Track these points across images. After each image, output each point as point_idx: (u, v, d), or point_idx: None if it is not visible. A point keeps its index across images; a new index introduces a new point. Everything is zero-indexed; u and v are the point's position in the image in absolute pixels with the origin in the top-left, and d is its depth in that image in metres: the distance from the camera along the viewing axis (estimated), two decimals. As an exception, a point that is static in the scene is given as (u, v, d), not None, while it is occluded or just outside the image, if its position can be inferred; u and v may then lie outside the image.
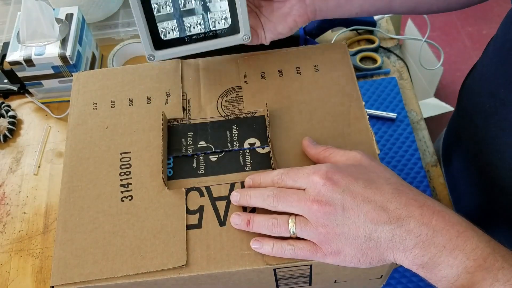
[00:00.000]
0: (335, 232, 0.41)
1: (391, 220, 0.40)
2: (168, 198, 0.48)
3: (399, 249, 0.40)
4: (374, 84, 0.82)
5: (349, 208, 0.41)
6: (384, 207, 0.40)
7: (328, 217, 0.41)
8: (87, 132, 0.54)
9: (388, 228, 0.40)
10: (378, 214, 0.40)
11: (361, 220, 0.40)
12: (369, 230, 0.40)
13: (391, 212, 0.40)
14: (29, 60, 0.74)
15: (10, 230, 0.71)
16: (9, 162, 0.77)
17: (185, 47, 0.52)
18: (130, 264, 0.45)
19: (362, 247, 0.41)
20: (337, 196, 0.41)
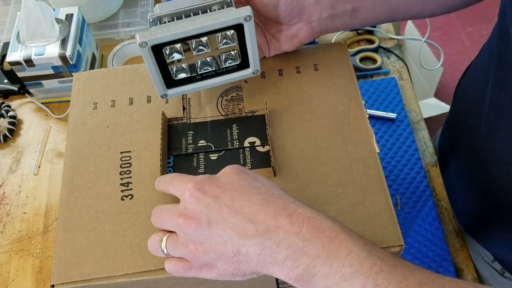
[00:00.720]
0: (203, 248, 0.39)
1: (258, 232, 0.38)
2: (168, 197, 0.48)
3: (271, 262, 0.37)
4: (374, 84, 0.82)
5: (215, 222, 0.39)
6: (252, 219, 0.38)
7: (194, 232, 0.39)
8: (88, 132, 0.54)
9: (256, 242, 0.37)
10: (244, 228, 0.38)
11: (227, 235, 0.38)
12: (237, 245, 0.38)
13: (259, 224, 0.38)
14: (29, 60, 0.74)
15: (10, 230, 0.71)
16: (9, 162, 0.77)
17: (196, 84, 0.52)
18: (131, 263, 0.45)
19: (233, 261, 0.39)
20: (202, 209, 0.39)
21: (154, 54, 0.47)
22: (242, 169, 0.42)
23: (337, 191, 0.48)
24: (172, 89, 0.51)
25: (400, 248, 0.44)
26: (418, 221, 0.69)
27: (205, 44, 0.48)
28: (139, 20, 0.89)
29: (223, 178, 0.41)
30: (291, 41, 0.55)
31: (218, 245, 0.39)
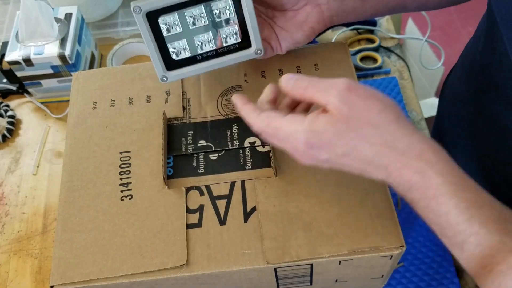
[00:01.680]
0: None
1: (373, 175, 0.40)
2: (168, 197, 0.48)
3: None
4: (374, 83, 0.82)
5: (333, 165, 0.41)
6: (366, 168, 0.40)
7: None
8: (87, 132, 0.53)
9: (373, 178, 0.40)
10: (361, 172, 0.40)
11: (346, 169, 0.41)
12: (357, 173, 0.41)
13: (372, 171, 0.40)
14: (28, 60, 0.74)
15: (9, 230, 0.71)
16: (8, 162, 0.77)
17: (197, 65, 0.51)
18: (130, 263, 0.45)
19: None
20: (319, 160, 0.41)
21: (151, 27, 0.47)
22: (351, 100, 0.39)
23: (337, 191, 0.47)
24: (173, 71, 0.50)
25: (401, 249, 0.44)
26: (419, 221, 0.69)
27: (202, 16, 0.47)
28: (139, 20, 0.89)
29: (330, 130, 0.39)
30: (302, 28, 0.53)
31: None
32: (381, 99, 0.40)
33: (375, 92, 0.40)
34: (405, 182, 0.39)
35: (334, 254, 0.44)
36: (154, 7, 0.45)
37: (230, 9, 0.47)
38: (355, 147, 0.39)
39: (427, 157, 0.38)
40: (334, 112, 0.39)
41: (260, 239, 0.45)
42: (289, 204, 0.47)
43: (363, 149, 0.39)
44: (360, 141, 0.39)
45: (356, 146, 0.39)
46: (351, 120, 0.39)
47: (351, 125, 0.39)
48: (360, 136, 0.39)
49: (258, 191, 0.48)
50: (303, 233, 0.45)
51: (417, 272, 0.65)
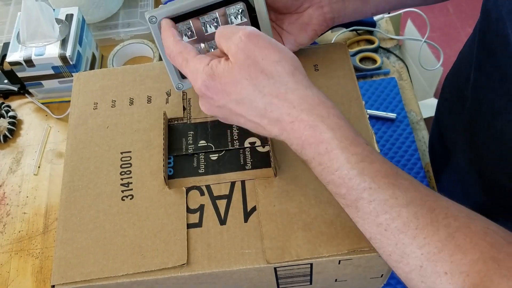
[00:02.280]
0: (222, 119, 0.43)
1: (267, 130, 0.41)
2: (169, 197, 0.48)
3: None
4: (373, 84, 0.82)
5: (229, 117, 0.42)
6: (259, 120, 0.40)
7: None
8: (88, 132, 0.54)
9: (267, 133, 0.41)
10: (255, 125, 0.41)
11: (242, 124, 0.42)
12: (253, 130, 0.42)
13: (266, 125, 0.40)
14: (29, 61, 0.74)
15: (10, 230, 0.71)
16: (9, 162, 0.77)
17: None
18: (131, 263, 0.45)
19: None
20: (214, 109, 0.42)
21: None
22: (248, 48, 0.39)
23: (337, 191, 0.48)
24: (187, 79, 0.51)
25: (400, 248, 0.44)
26: (418, 221, 0.69)
27: (216, 22, 0.47)
28: (139, 21, 0.89)
29: (226, 76, 0.40)
30: (305, 30, 0.53)
31: (237, 123, 0.43)
32: (279, 50, 0.40)
33: (275, 43, 0.40)
34: (297, 138, 0.39)
35: (333, 253, 0.44)
36: (169, 16, 0.46)
37: (243, 14, 0.48)
38: (248, 96, 0.39)
39: (318, 111, 0.39)
40: (231, 59, 0.39)
41: (260, 238, 0.45)
42: (289, 204, 0.47)
43: (255, 99, 0.39)
44: (253, 90, 0.39)
45: (249, 95, 0.39)
46: (246, 68, 0.39)
47: (246, 73, 0.39)
48: (253, 85, 0.39)
49: (258, 191, 0.48)
50: (303, 233, 0.45)
51: (417, 272, 0.65)
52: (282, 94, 0.39)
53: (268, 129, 0.41)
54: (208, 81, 0.40)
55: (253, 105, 0.40)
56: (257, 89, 0.39)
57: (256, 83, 0.39)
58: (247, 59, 0.39)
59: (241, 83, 0.39)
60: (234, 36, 0.40)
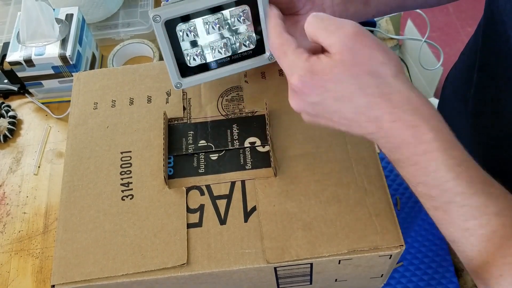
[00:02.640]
0: (309, 119, 0.42)
1: (362, 128, 0.40)
2: (169, 197, 0.48)
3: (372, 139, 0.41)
4: (374, 84, 0.82)
5: (321, 115, 0.41)
6: (356, 119, 0.39)
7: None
8: (88, 132, 0.54)
9: (360, 132, 0.40)
10: (349, 123, 0.40)
11: (333, 123, 0.41)
12: (343, 130, 0.41)
13: (362, 122, 0.39)
14: (29, 60, 0.74)
15: (10, 230, 0.71)
16: (9, 162, 0.77)
17: (211, 72, 0.51)
18: (131, 263, 0.45)
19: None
20: (307, 105, 0.40)
21: (169, 35, 0.47)
22: (355, 47, 0.38)
23: (337, 191, 0.48)
24: (187, 78, 0.51)
25: (400, 249, 0.44)
26: (417, 221, 0.69)
27: (219, 23, 0.48)
28: (139, 20, 0.89)
29: (328, 73, 0.38)
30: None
31: (325, 123, 0.41)
32: (386, 51, 0.39)
33: (381, 44, 0.39)
34: (396, 136, 0.38)
35: (333, 253, 0.44)
36: (174, 15, 0.46)
37: (246, 15, 0.48)
38: (350, 94, 0.38)
39: (421, 113, 0.38)
40: (336, 57, 0.38)
41: (260, 238, 0.45)
42: (289, 204, 0.47)
43: (357, 97, 0.38)
44: (357, 88, 0.38)
45: (351, 93, 0.38)
46: (352, 67, 0.38)
47: (351, 72, 0.38)
48: (357, 84, 0.38)
49: (258, 191, 0.48)
50: (303, 233, 0.45)
51: (416, 271, 0.65)
52: (386, 94, 0.38)
53: (364, 126, 0.39)
54: (306, 77, 0.39)
55: (353, 103, 0.38)
56: (361, 88, 0.38)
57: (360, 82, 0.38)
58: (354, 58, 0.38)
59: (345, 82, 0.38)
60: (339, 32, 0.38)
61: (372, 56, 0.38)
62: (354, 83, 0.38)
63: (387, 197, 0.47)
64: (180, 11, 0.46)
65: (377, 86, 0.38)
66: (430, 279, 0.64)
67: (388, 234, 0.45)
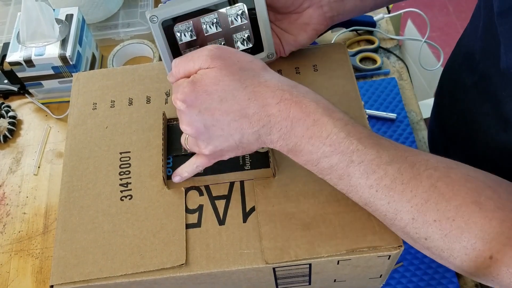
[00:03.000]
0: (211, 149, 0.44)
1: (253, 124, 0.41)
2: (168, 197, 0.48)
3: (267, 142, 0.43)
4: (374, 84, 0.82)
5: (210, 125, 0.42)
6: (244, 115, 0.41)
7: (199, 138, 0.43)
8: (87, 132, 0.54)
9: (253, 131, 0.42)
10: (240, 123, 0.42)
11: (226, 132, 0.42)
12: (238, 138, 0.42)
13: (251, 116, 0.41)
14: (29, 61, 0.74)
15: (10, 230, 0.71)
16: (9, 162, 0.78)
17: None
18: (130, 263, 0.45)
19: (238, 148, 0.44)
20: (195, 118, 0.42)
21: (166, 36, 0.47)
22: (222, 55, 0.42)
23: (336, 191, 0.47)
24: None
25: (399, 249, 0.44)
26: (417, 221, 0.69)
27: (216, 23, 0.48)
28: (139, 21, 0.89)
29: (206, 79, 0.42)
30: (305, 30, 0.53)
31: (222, 143, 0.43)
32: (247, 54, 0.44)
33: (240, 51, 0.44)
34: (286, 117, 0.41)
35: (332, 254, 0.44)
36: (171, 15, 0.46)
37: (244, 15, 0.48)
38: (231, 91, 0.41)
39: (297, 90, 0.42)
40: (210, 66, 0.42)
41: (259, 239, 0.45)
42: (287, 204, 0.47)
43: (238, 93, 0.41)
44: (236, 84, 0.41)
45: (232, 89, 0.41)
46: (226, 68, 0.41)
47: (225, 71, 0.41)
48: (235, 80, 0.41)
49: (257, 191, 0.48)
50: (302, 233, 0.45)
51: (417, 271, 0.65)
52: (262, 83, 0.42)
53: (255, 121, 0.41)
54: (187, 88, 0.42)
55: (236, 98, 0.41)
56: (239, 82, 0.41)
57: (236, 78, 0.41)
58: (225, 61, 0.42)
59: (223, 80, 0.41)
60: (203, 51, 0.42)
61: (239, 57, 0.43)
62: (231, 80, 0.41)
63: (386, 198, 0.47)
64: (177, 11, 0.46)
65: (252, 77, 0.42)
66: (430, 279, 0.64)
67: (387, 235, 0.45)
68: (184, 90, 0.42)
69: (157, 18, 0.46)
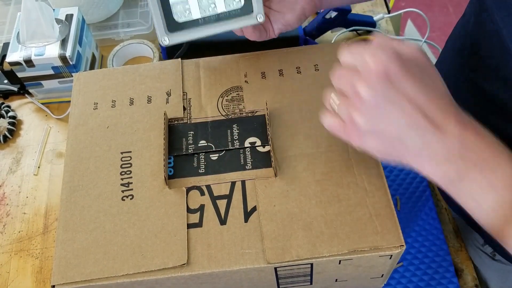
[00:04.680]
0: (371, 120, 0.40)
1: (426, 126, 0.38)
2: (169, 197, 0.48)
3: (425, 157, 0.39)
4: (373, 84, 0.82)
5: (392, 102, 0.38)
6: (424, 112, 0.38)
7: (369, 106, 0.39)
8: (88, 132, 0.54)
9: (420, 134, 0.38)
10: (416, 118, 0.38)
11: (398, 118, 0.39)
12: (402, 131, 0.39)
13: (429, 118, 0.38)
14: (29, 61, 0.74)
15: (10, 230, 0.71)
16: (9, 162, 0.77)
17: (199, 29, 0.51)
18: (131, 263, 0.45)
19: (390, 142, 0.40)
20: (386, 89, 0.38)
21: None
22: (428, 58, 0.40)
23: (337, 191, 0.48)
24: (174, 34, 0.50)
25: (400, 249, 0.44)
26: (417, 221, 0.69)
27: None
28: (139, 21, 0.89)
29: (411, 65, 0.39)
30: (294, 8, 0.53)
31: (385, 124, 0.39)
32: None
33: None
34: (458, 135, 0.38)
35: (334, 253, 0.44)
36: None
37: None
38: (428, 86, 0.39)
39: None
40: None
41: (261, 238, 0.45)
42: (289, 204, 0.47)
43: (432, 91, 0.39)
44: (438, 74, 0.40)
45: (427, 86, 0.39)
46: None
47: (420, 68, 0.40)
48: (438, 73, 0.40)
49: (258, 191, 0.48)
50: (303, 233, 0.45)
51: (416, 271, 0.65)
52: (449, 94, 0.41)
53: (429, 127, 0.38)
54: (396, 60, 0.38)
55: (429, 96, 0.39)
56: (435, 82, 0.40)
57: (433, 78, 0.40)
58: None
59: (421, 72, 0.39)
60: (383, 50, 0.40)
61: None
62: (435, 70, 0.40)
63: (387, 197, 0.47)
64: None
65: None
66: (430, 280, 0.64)
67: (388, 234, 0.45)
68: (391, 65, 0.38)
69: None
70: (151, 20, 0.88)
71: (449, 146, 0.38)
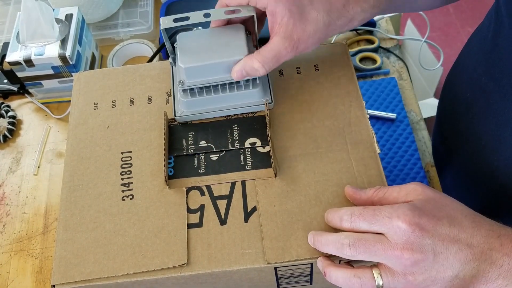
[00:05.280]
0: (423, 278, 0.40)
1: (475, 256, 0.39)
2: (169, 197, 0.48)
3: (481, 281, 0.40)
4: (373, 84, 0.82)
5: (439, 252, 0.39)
6: (469, 244, 0.40)
7: (418, 264, 0.39)
8: (88, 132, 0.54)
9: (474, 265, 0.40)
10: (465, 254, 0.39)
11: (449, 262, 0.39)
12: (456, 270, 0.40)
13: (475, 248, 0.40)
14: (29, 61, 0.74)
15: (10, 230, 0.71)
16: (9, 162, 0.77)
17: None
18: (131, 263, 0.45)
19: (447, 285, 0.40)
20: (428, 242, 0.39)
21: None
22: (429, 188, 0.43)
23: (338, 191, 0.48)
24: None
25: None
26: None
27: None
28: (139, 20, 0.89)
29: (428, 206, 0.41)
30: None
31: (439, 272, 0.40)
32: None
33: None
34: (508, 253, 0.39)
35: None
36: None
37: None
38: (460, 212, 0.41)
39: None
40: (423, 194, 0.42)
41: (261, 238, 0.45)
42: (289, 204, 0.47)
43: (463, 219, 0.41)
44: (458, 206, 0.42)
45: (455, 209, 0.41)
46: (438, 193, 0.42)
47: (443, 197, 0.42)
48: (456, 203, 0.42)
49: (258, 191, 0.48)
50: (303, 233, 0.45)
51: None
52: (478, 216, 0.42)
53: (477, 258, 0.40)
54: (414, 211, 0.40)
55: (463, 225, 0.40)
56: (458, 210, 0.41)
57: (453, 206, 0.42)
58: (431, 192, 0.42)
59: (446, 205, 0.41)
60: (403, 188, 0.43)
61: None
62: (453, 201, 0.42)
63: (387, 197, 0.47)
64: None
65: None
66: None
67: (388, 234, 0.45)
68: (412, 212, 0.40)
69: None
70: (151, 20, 0.88)
71: (500, 265, 0.39)
